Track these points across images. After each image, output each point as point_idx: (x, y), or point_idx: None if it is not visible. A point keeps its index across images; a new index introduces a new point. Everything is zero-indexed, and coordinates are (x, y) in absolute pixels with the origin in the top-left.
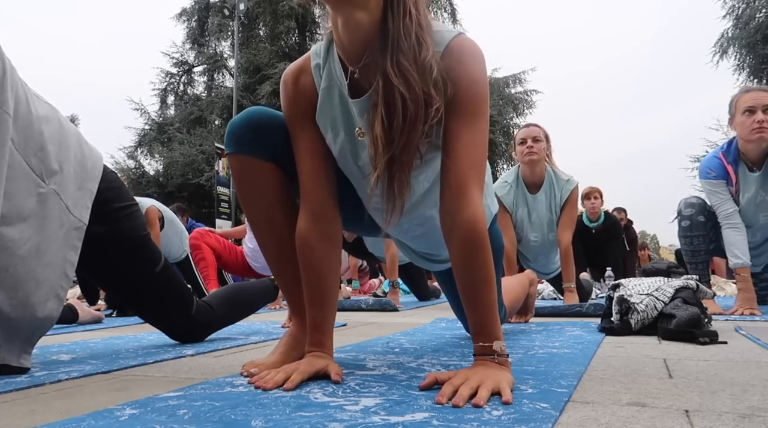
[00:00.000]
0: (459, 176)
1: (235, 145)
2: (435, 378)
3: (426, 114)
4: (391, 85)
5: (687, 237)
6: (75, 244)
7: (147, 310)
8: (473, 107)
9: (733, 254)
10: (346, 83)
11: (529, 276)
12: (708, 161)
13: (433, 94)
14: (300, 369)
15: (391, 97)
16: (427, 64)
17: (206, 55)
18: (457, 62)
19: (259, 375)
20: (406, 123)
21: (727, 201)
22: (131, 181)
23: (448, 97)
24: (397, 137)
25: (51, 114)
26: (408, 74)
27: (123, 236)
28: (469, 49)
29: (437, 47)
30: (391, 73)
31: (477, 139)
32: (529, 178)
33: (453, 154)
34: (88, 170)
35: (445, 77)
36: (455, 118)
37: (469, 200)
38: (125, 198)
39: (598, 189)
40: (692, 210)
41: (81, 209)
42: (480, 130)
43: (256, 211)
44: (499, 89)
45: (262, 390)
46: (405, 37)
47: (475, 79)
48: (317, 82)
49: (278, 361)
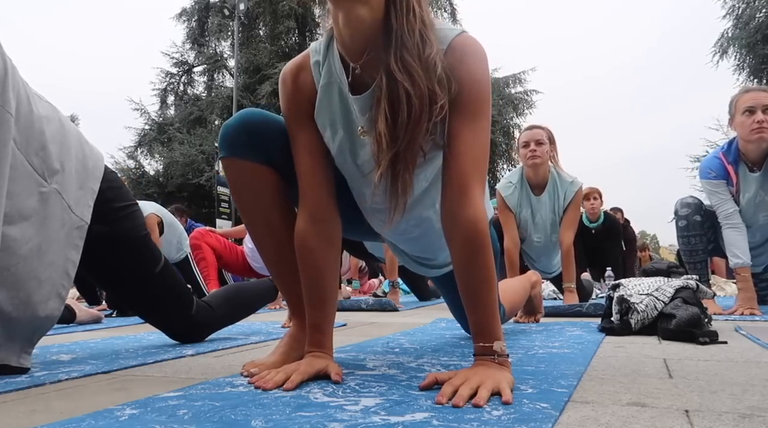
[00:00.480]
0: (461, 175)
1: (229, 148)
2: (435, 378)
3: (430, 111)
4: (395, 82)
5: (684, 237)
6: (77, 243)
7: (146, 310)
8: (475, 105)
9: (733, 253)
10: (346, 80)
11: (532, 278)
12: (708, 161)
13: (438, 91)
14: (300, 370)
15: (395, 94)
16: (432, 61)
17: (206, 55)
18: (459, 61)
19: (259, 375)
20: (410, 120)
21: (727, 201)
22: (131, 181)
23: (451, 96)
24: (401, 134)
25: (52, 114)
26: (412, 70)
27: (123, 237)
28: (471, 48)
29: (440, 45)
30: (395, 69)
31: (479, 138)
32: (533, 179)
33: (455, 152)
34: (90, 169)
35: (449, 74)
36: (457, 116)
37: (470, 199)
38: (126, 198)
39: (598, 190)
40: (688, 210)
41: (83, 208)
42: (482, 128)
43: (253, 215)
44: (500, 89)
45: (262, 390)
46: (409, 34)
47: (478, 78)
48: (316, 80)
49: (278, 361)
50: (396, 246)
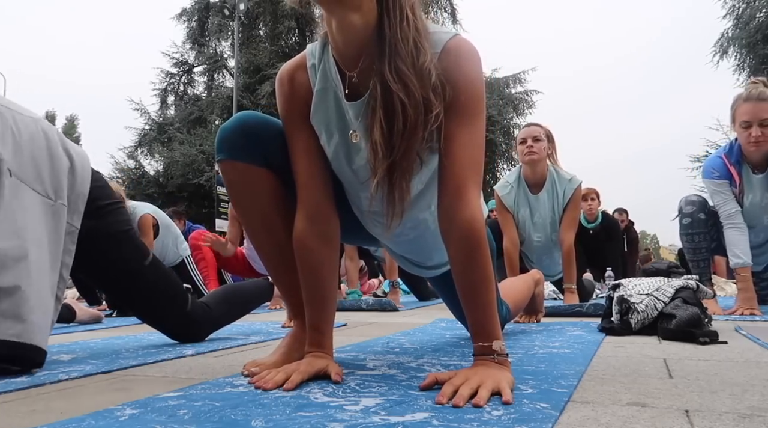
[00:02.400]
0: (457, 177)
1: (226, 151)
2: (435, 378)
3: (426, 120)
4: (389, 91)
5: (688, 235)
6: (70, 248)
7: (139, 305)
8: (470, 108)
9: (734, 253)
10: (342, 86)
11: (535, 276)
12: (711, 160)
13: (433, 99)
14: (300, 370)
15: (390, 103)
16: (426, 70)
17: (206, 56)
18: (454, 64)
19: (259, 375)
20: (406, 129)
21: (730, 201)
22: (131, 181)
23: (446, 101)
24: (397, 144)
25: (34, 130)
26: (407, 80)
27: (108, 231)
28: (465, 51)
29: (434, 49)
30: (390, 79)
31: (474, 139)
32: (530, 178)
33: (450, 155)
34: (78, 173)
35: (443, 81)
36: (452, 119)
37: (467, 200)
38: (109, 196)
39: (595, 190)
40: (693, 208)
41: (74, 214)
42: (477, 130)
43: (251, 217)
44: (499, 89)
45: (262, 390)
46: (402, 42)
47: (472, 80)
48: (312, 83)
49: (279, 361)
50: (392, 249)
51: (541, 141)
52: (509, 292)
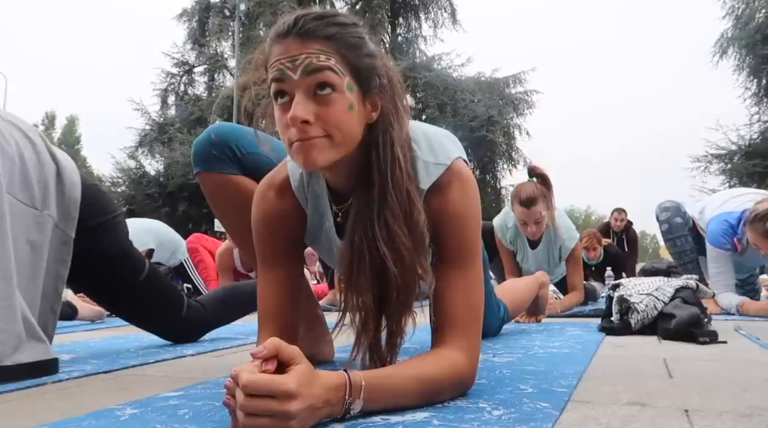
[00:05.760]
0: (451, 329)
1: (201, 163)
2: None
3: (418, 285)
4: (378, 256)
5: (669, 240)
6: (65, 258)
7: (135, 317)
8: (465, 251)
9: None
10: (332, 222)
11: (540, 278)
12: (723, 232)
13: (425, 266)
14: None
15: (381, 267)
16: (420, 232)
17: (207, 56)
18: (445, 202)
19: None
20: (399, 299)
21: (727, 272)
22: (132, 181)
23: (436, 248)
24: (388, 311)
25: (19, 138)
26: (400, 245)
27: (102, 252)
28: (458, 186)
29: (422, 185)
30: (379, 238)
31: (470, 283)
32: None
33: (444, 305)
34: (66, 179)
35: (434, 224)
36: (446, 263)
37: (459, 348)
38: (104, 211)
39: (597, 236)
40: (668, 213)
41: (67, 222)
42: (474, 271)
43: (235, 225)
44: (500, 89)
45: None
46: (395, 190)
47: (467, 219)
48: (303, 204)
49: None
50: None
51: (542, 221)
52: (510, 292)
